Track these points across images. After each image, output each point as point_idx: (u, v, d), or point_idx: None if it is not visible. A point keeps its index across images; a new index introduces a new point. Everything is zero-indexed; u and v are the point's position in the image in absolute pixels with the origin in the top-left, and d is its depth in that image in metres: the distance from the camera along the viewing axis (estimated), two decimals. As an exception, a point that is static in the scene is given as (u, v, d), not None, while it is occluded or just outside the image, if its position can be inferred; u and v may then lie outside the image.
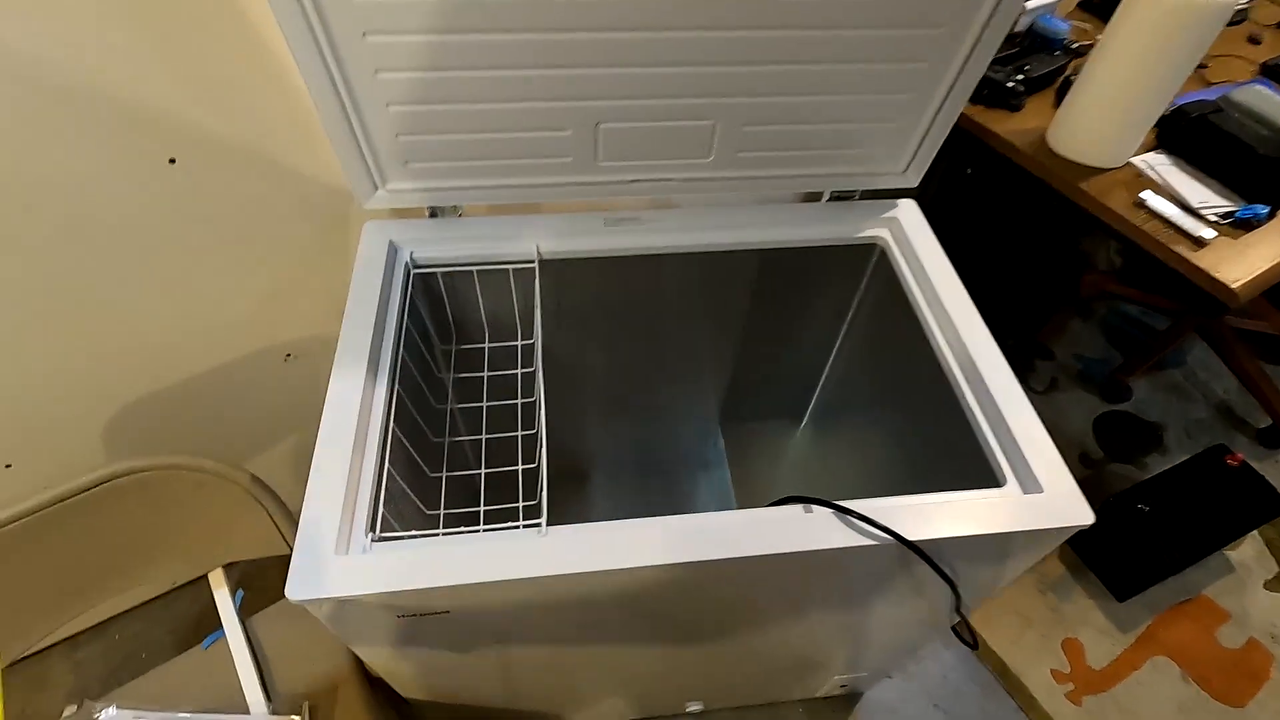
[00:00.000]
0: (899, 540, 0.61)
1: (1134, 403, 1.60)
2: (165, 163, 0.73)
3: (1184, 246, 0.93)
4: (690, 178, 0.83)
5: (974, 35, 0.70)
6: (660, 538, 0.60)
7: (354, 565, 0.57)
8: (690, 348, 1.10)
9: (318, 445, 0.63)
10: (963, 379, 0.76)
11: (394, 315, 0.77)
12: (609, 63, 0.68)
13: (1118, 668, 1.22)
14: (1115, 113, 0.98)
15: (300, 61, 0.63)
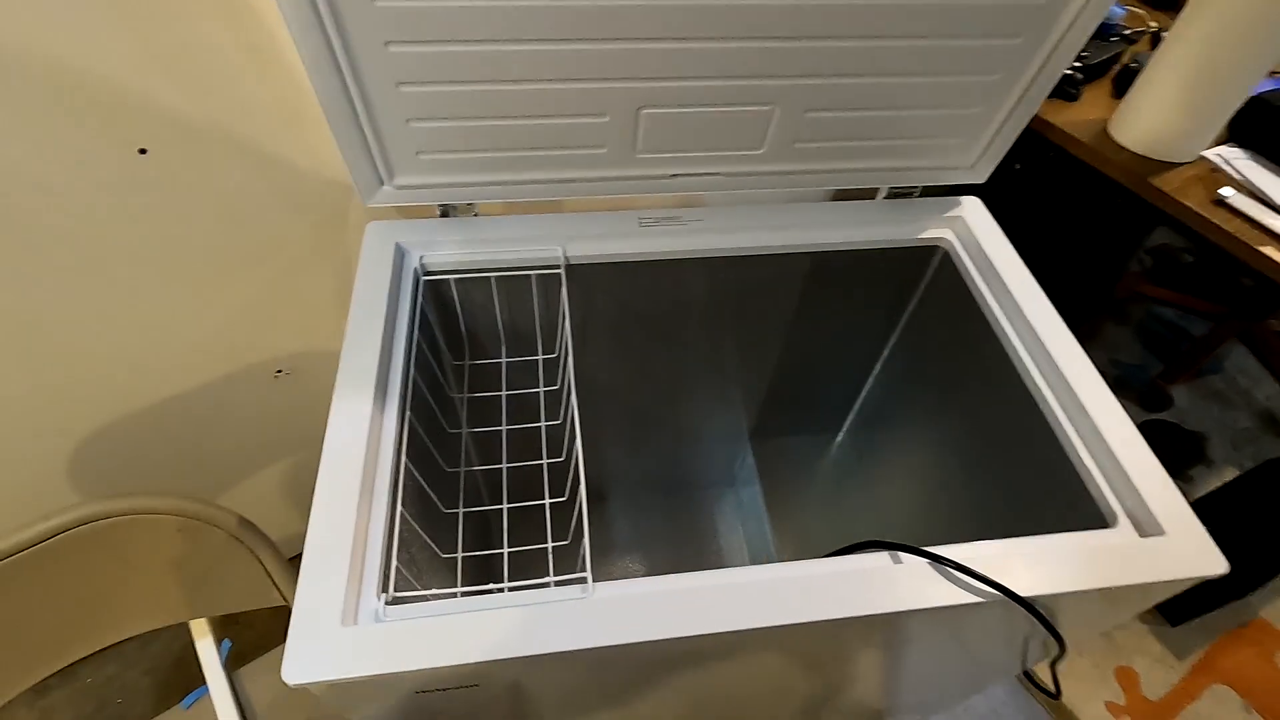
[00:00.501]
0: (1010, 597, 0.51)
1: (1174, 411, 1.52)
2: (135, 153, 0.62)
3: (1272, 248, 0.85)
4: (738, 172, 0.74)
5: (1073, 13, 0.61)
6: (726, 595, 0.50)
7: (365, 638, 0.47)
8: (723, 358, 1.00)
9: (317, 490, 0.53)
10: (1051, 397, 0.67)
11: (403, 330, 0.67)
12: (656, 35, 0.59)
13: (1175, 698, 1.14)
14: (1190, 102, 0.90)
15: (297, 33, 0.53)
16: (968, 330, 0.78)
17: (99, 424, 0.81)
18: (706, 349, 0.96)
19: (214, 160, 0.67)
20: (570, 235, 0.76)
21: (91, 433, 0.81)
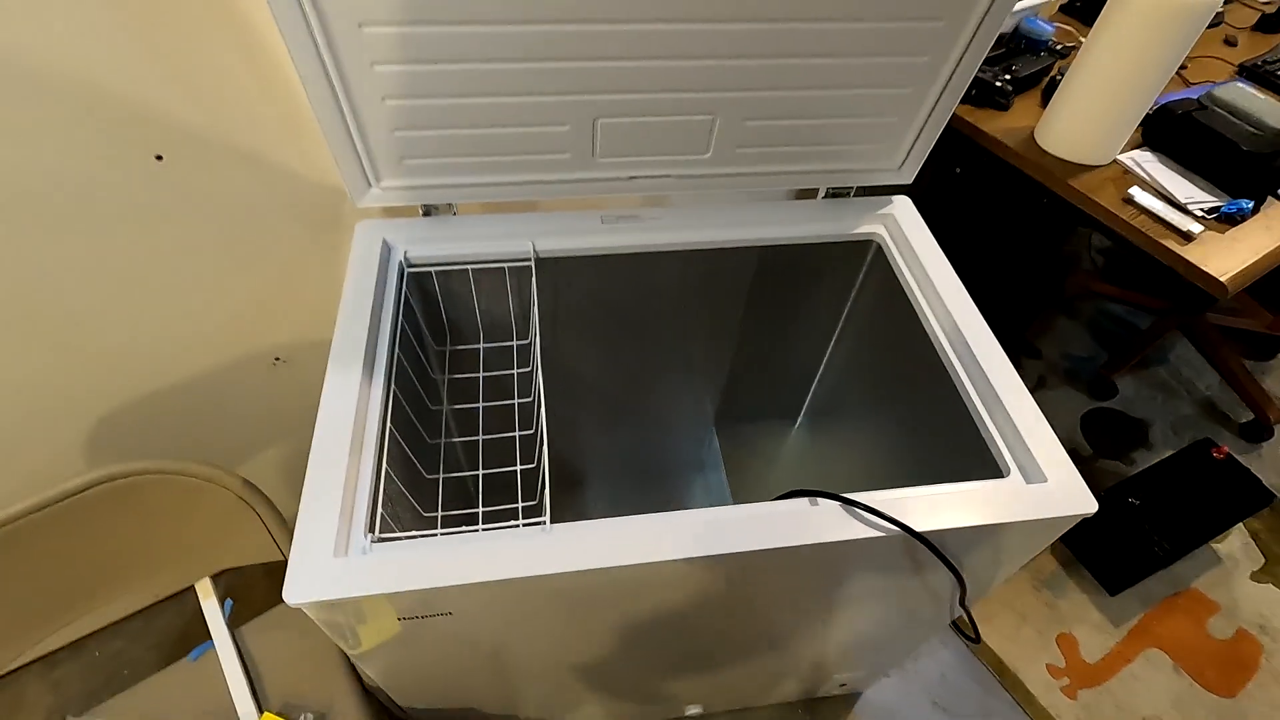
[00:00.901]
0: (907, 531, 0.60)
1: (1120, 400, 1.62)
2: (152, 159, 0.71)
3: (1173, 241, 0.95)
4: (688, 174, 0.83)
5: (971, 29, 0.71)
6: (667, 532, 0.59)
7: (354, 566, 0.56)
8: (685, 347, 1.09)
9: (314, 444, 0.62)
10: (963, 372, 0.76)
11: (389, 315, 0.76)
12: (609, 56, 0.68)
13: (1112, 662, 1.23)
14: (1102, 110, 1.00)
15: (295, 53, 0.62)
16: (897, 313, 0.87)
17: (112, 405, 0.89)
18: (669, 337, 1.05)
19: (222, 167, 0.75)
20: (539, 232, 0.85)
21: (106, 413, 0.89)
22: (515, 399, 0.88)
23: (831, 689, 1.12)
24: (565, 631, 0.69)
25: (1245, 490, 1.26)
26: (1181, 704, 1.19)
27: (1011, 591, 1.30)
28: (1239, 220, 0.96)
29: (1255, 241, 0.95)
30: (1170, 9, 0.88)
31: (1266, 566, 1.36)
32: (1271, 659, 1.24)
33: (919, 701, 1.18)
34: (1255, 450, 1.55)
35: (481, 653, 0.71)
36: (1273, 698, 1.20)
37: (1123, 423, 1.57)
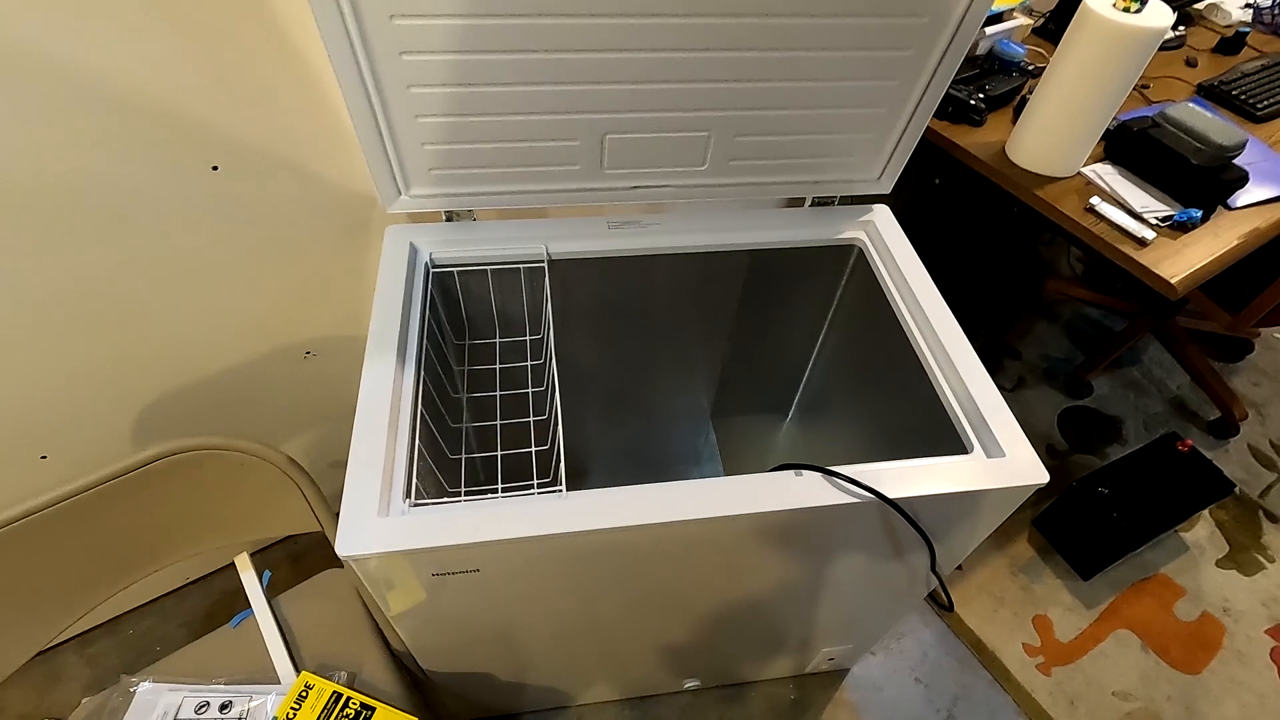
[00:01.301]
0: (880, 498, 0.68)
1: (1095, 398, 1.70)
2: (209, 169, 0.80)
3: (1129, 246, 1.04)
4: (686, 184, 0.92)
5: (937, 57, 0.80)
6: (669, 498, 0.67)
7: (395, 525, 0.64)
8: (684, 345, 1.17)
9: (356, 423, 0.70)
10: (935, 364, 0.84)
11: (416, 310, 0.84)
12: (616, 79, 0.77)
13: (1084, 641, 1.31)
14: (1065, 127, 1.09)
15: (341, 77, 0.71)
16: (876, 312, 0.96)
17: (159, 393, 0.97)
18: (669, 335, 1.14)
19: (268, 176, 0.84)
20: (551, 236, 0.93)
21: (153, 400, 0.97)
22: (529, 388, 0.96)
23: (820, 664, 1.19)
24: (577, 590, 0.77)
25: (1208, 481, 1.34)
26: (1148, 680, 1.27)
27: (989, 576, 1.38)
28: (1190, 228, 1.05)
29: (1204, 247, 1.04)
30: (1124, 35, 0.97)
31: (1231, 554, 1.44)
32: (1234, 639, 1.32)
33: (902, 678, 1.26)
34: (1223, 445, 1.63)
35: (502, 611, 0.79)
36: (1234, 674, 1.28)
37: (1097, 420, 1.66)
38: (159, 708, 0.84)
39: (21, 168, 0.71)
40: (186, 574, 1.27)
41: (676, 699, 1.21)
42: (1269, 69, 1.38)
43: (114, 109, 0.71)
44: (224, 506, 0.81)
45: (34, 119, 0.68)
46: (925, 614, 1.33)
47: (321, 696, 0.83)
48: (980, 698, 1.24)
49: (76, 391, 0.91)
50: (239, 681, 0.86)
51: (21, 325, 0.82)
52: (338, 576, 0.96)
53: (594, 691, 1.17)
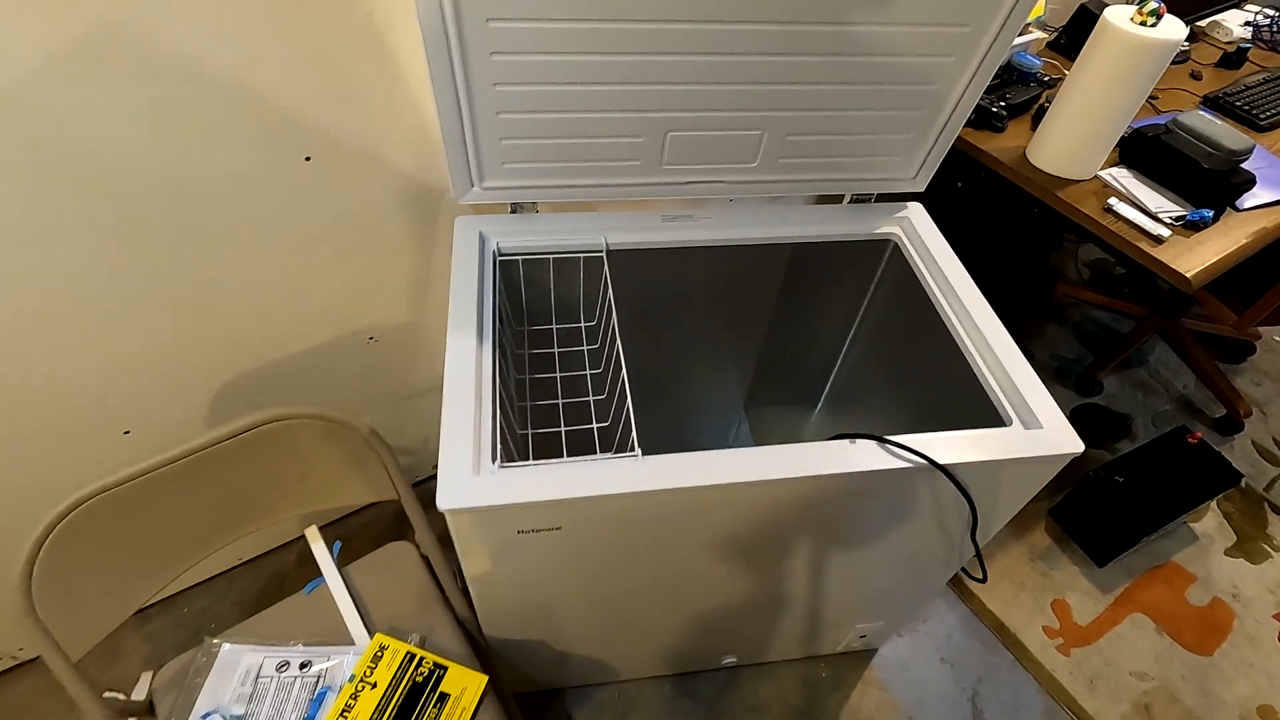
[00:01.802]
0: (931, 463, 0.74)
1: (1105, 397, 1.77)
2: (303, 159, 0.86)
3: (1146, 244, 1.10)
4: (737, 181, 0.98)
5: (976, 63, 0.86)
6: (739, 462, 0.73)
7: (488, 483, 0.69)
8: (722, 336, 1.24)
9: (445, 390, 0.75)
10: (972, 346, 0.91)
11: (489, 294, 0.90)
12: (682, 80, 0.83)
13: (1100, 624, 1.36)
14: (1083, 132, 1.16)
15: (435, 75, 0.77)
16: (913, 301, 1.02)
17: (235, 373, 1.02)
18: (709, 326, 1.20)
19: (354, 168, 0.90)
20: (609, 228, 0.99)
21: (230, 378, 1.02)
22: (587, 370, 1.02)
23: (852, 642, 1.24)
24: (645, 553, 0.82)
25: (1216, 471, 1.41)
26: (1163, 661, 1.32)
27: (1010, 564, 1.44)
28: (1202, 227, 1.12)
29: (1215, 245, 1.10)
30: (1141, 46, 1.04)
31: (1238, 544, 1.51)
32: (1243, 623, 1.38)
33: (928, 657, 1.31)
34: (1228, 442, 1.70)
35: (571, 575, 0.84)
36: (1244, 656, 1.33)
37: (1107, 417, 1.72)
38: (241, 667, 0.89)
39: (139, 156, 0.77)
40: (239, 555, 1.32)
41: (714, 676, 1.26)
42: (1270, 82, 1.46)
43: (228, 102, 0.77)
44: (311, 473, 0.86)
45: (158, 111, 0.74)
46: (949, 599, 1.38)
47: (396, 656, 0.88)
48: (1004, 677, 1.29)
49: (160, 369, 0.96)
50: (315, 643, 0.91)
51: (115, 304, 0.87)
52: (403, 548, 1.01)
53: (635, 666, 1.22)
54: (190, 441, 0.75)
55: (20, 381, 0.87)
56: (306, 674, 0.88)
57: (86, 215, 0.78)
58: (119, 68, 0.70)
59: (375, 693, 0.85)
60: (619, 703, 1.22)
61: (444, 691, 0.86)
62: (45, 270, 0.80)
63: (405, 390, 1.22)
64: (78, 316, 0.85)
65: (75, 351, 0.88)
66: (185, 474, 0.77)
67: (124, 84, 0.71)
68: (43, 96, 0.68)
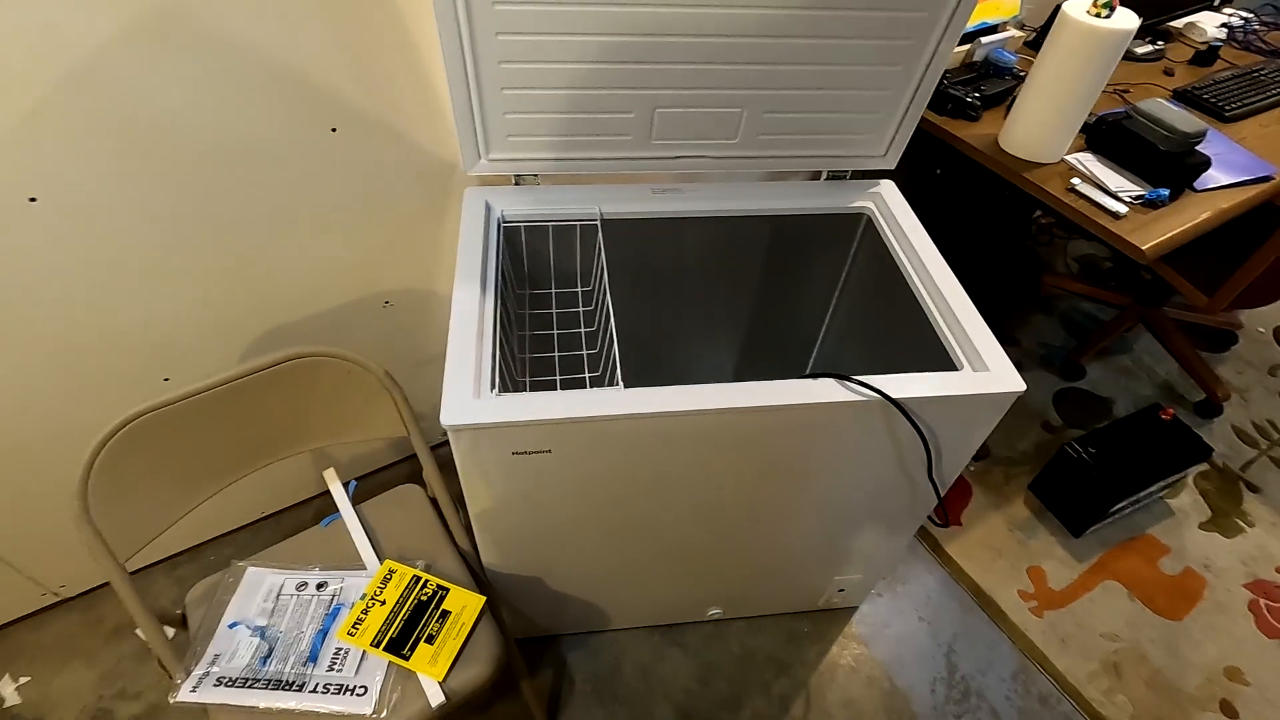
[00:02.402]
0: (883, 396, 0.83)
1: (1088, 381, 1.83)
2: (329, 130, 0.96)
3: (1105, 219, 1.18)
4: (720, 156, 1.07)
5: (933, 46, 0.96)
6: (711, 393, 0.81)
7: (486, 405, 0.79)
8: (711, 307, 1.33)
9: (451, 325, 0.85)
10: (933, 305, 0.99)
11: (493, 255, 1.00)
12: (669, 60, 0.93)
13: (1074, 589, 1.43)
14: (1048, 117, 1.25)
15: (447, 53, 0.87)
16: (885, 270, 1.11)
17: (264, 329, 1.13)
18: (701, 294, 1.29)
19: (375, 140, 1.01)
20: (603, 199, 1.09)
21: (260, 334, 1.13)
22: (582, 329, 1.11)
23: (832, 597, 1.32)
24: (629, 480, 0.91)
25: (1188, 445, 1.47)
26: (1134, 624, 1.38)
27: (988, 532, 1.51)
28: (1159, 205, 1.20)
29: (1171, 221, 1.18)
30: (1096, 36, 1.13)
31: (1213, 519, 1.56)
32: (1214, 591, 1.44)
33: (907, 616, 1.38)
34: (1207, 425, 1.76)
35: (562, 503, 0.93)
36: (1213, 621, 1.39)
37: (1090, 400, 1.79)
38: (265, 585, 0.98)
39: (183, 122, 0.87)
40: (262, 509, 1.42)
41: (701, 627, 1.34)
42: (1238, 78, 1.54)
43: (264, 76, 0.88)
44: (331, 408, 0.96)
45: (203, 83, 0.85)
46: (928, 563, 1.45)
47: (403, 579, 0.97)
48: (979, 635, 1.35)
49: (197, 322, 1.07)
50: (331, 568, 1.00)
51: (159, 260, 0.98)
52: (412, 490, 1.10)
53: (627, 615, 1.30)
54: (229, 370, 0.85)
55: (79, 329, 0.98)
56: (323, 593, 0.97)
57: (144, 177, 0.89)
58: (171, 45, 0.81)
59: (384, 609, 0.94)
60: (611, 650, 1.30)
61: (446, 609, 0.95)
62: (108, 227, 0.91)
63: (419, 355, 1.32)
64: (133, 269, 0.96)
65: (127, 303, 0.99)
66: (221, 402, 0.87)
67: (174, 58, 0.82)
68: (108, 70, 0.79)
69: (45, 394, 1.02)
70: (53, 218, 0.86)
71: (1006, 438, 1.68)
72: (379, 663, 0.90)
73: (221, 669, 0.89)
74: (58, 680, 1.24)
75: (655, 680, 1.27)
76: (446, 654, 0.91)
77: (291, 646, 0.92)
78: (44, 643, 1.28)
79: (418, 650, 0.91)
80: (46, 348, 0.97)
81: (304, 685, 0.88)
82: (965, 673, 1.31)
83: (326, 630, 0.93)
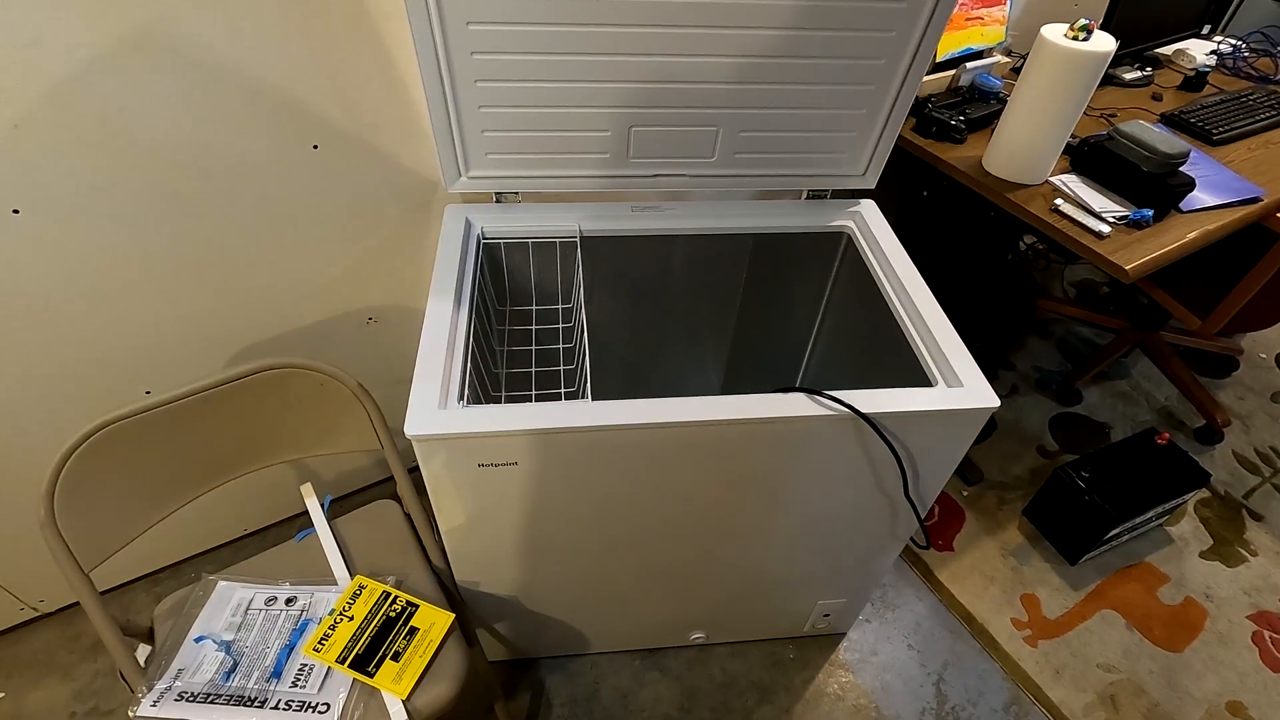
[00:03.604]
0: (853, 411, 0.82)
1: (1085, 406, 1.81)
2: (310, 148, 0.98)
3: (1088, 239, 1.18)
4: (698, 174, 1.08)
5: (905, 66, 0.97)
6: (676, 408, 0.81)
7: (452, 416, 0.78)
8: (696, 319, 1.32)
9: (423, 337, 0.85)
10: (909, 321, 0.98)
11: (470, 271, 1.00)
12: (643, 79, 0.94)
13: (1070, 618, 1.39)
14: (1030, 138, 1.25)
15: (425, 72, 0.89)
16: (864, 289, 1.10)
17: (245, 343, 1.14)
18: (682, 311, 1.29)
19: (355, 158, 1.02)
20: (583, 217, 1.10)
21: (241, 348, 1.13)
22: (560, 344, 1.11)
23: (817, 622, 1.29)
24: (598, 495, 0.90)
25: (1184, 470, 1.44)
26: (1131, 655, 1.34)
27: (981, 558, 1.47)
28: (1144, 226, 1.20)
29: (1156, 242, 1.17)
30: (1074, 59, 1.14)
31: (1214, 547, 1.52)
32: (1215, 623, 1.39)
33: (896, 644, 1.34)
34: (1208, 451, 1.72)
35: (532, 518, 0.92)
36: (1214, 653, 1.34)
37: (1086, 425, 1.76)
38: (234, 599, 0.97)
39: (166, 137, 0.89)
40: (245, 525, 1.41)
41: (683, 652, 1.31)
42: (1226, 103, 1.54)
43: (244, 94, 0.90)
44: (304, 421, 0.96)
45: (184, 99, 0.87)
46: (919, 589, 1.42)
47: (373, 595, 0.96)
48: (970, 664, 1.31)
49: (178, 335, 1.08)
50: (302, 583, 0.99)
51: (140, 272, 0.99)
52: (387, 505, 1.10)
53: (607, 639, 1.27)
54: (197, 381, 0.85)
55: (60, 341, 0.99)
56: (292, 608, 0.96)
57: (127, 191, 0.91)
58: (153, 62, 0.83)
59: (352, 624, 0.93)
60: (590, 674, 1.28)
61: (414, 625, 0.93)
62: (91, 239, 0.92)
63: (401, 373, 1.32)
64: (114, 282, 0.98)
65: (109, 316, 1.00)
66: (192, 412, 0.88)
67: (157, 75, 0.84)
68: (92, 85, 0.81)
69: (25, 406, 1.03)
70: (35, 230, 0.88)
71: (1000, 462, 1.65)
72: (343, 679, 0.89)
73: (184, 683, 0.88)
74: (32, 696, 1.23)
75: (635, 705, 1.24)
76: (412, 671, 0.89)
77: (256, 662, 0.90)
78: (21, 658, 1.27)
79: (383, 667, 0.89)
80: (26, 359, 0.99)
81: (266, 701, 0.87)
82: (955, 703, 1.27)
83: (293, 645, 0.92)
